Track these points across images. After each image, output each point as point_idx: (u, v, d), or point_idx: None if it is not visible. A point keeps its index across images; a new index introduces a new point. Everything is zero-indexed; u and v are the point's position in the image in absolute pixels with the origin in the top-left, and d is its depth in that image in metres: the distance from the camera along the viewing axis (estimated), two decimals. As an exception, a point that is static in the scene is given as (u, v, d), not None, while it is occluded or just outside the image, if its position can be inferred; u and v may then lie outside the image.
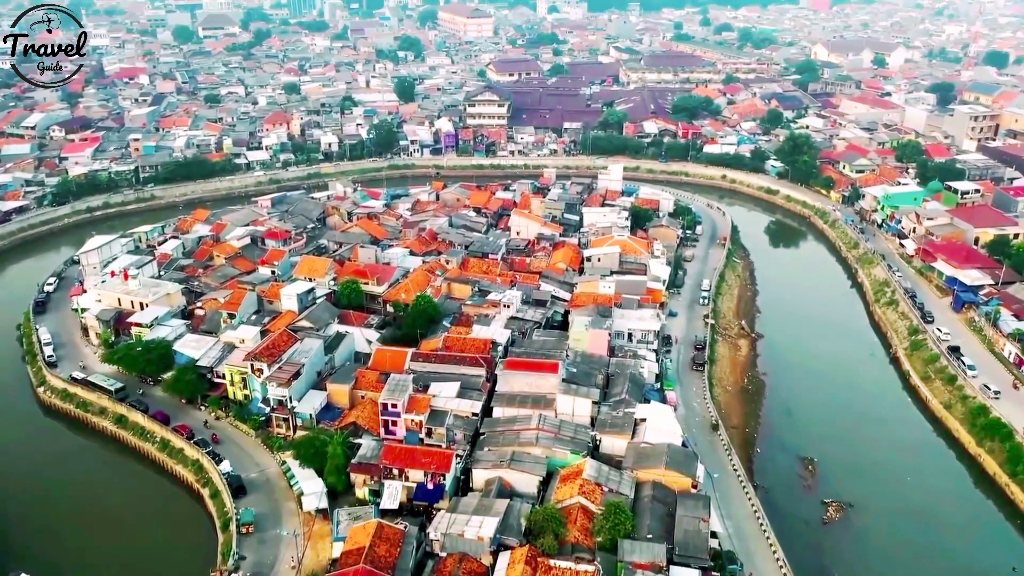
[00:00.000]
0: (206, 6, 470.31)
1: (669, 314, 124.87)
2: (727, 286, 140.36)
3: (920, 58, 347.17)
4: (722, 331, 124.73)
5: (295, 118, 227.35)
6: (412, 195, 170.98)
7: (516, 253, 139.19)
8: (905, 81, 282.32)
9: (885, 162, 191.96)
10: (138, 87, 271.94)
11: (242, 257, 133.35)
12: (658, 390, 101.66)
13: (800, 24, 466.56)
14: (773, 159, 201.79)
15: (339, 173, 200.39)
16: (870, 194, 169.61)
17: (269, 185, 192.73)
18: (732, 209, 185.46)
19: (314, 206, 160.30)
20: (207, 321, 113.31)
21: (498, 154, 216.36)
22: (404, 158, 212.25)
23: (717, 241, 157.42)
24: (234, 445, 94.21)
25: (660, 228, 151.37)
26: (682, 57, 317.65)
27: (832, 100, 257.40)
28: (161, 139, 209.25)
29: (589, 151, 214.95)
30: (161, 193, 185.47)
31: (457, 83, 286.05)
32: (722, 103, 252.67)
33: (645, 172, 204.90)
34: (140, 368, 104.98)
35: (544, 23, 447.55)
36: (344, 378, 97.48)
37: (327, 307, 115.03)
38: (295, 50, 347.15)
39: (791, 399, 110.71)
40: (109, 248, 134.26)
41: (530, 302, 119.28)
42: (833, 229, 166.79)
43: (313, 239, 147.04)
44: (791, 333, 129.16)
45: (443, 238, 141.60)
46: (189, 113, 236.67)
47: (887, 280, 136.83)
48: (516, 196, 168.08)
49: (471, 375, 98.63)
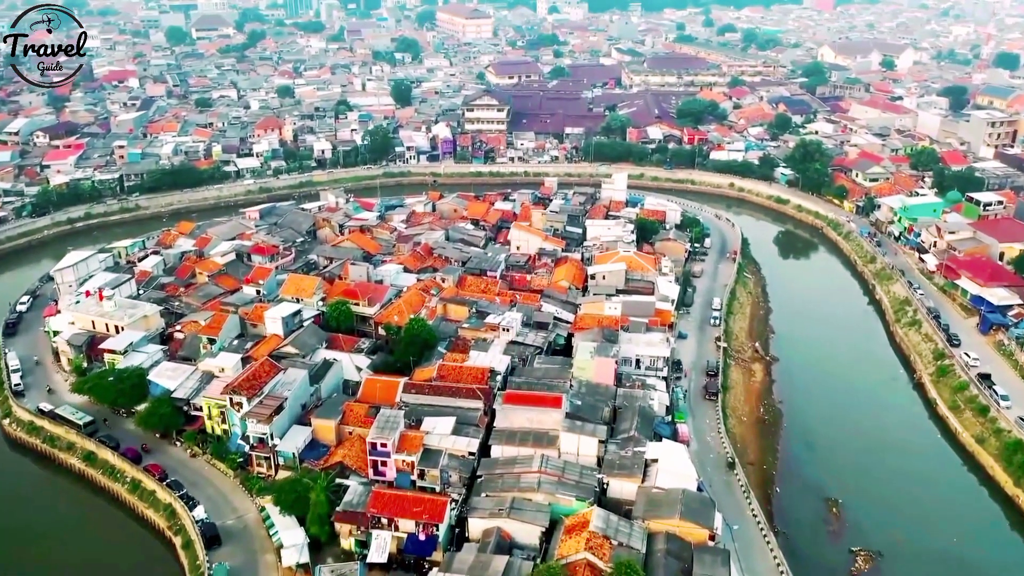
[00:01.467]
0: (201, 7, 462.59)
1: (679, 336, 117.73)
2: (739, 304, 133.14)
3: (928, 60, 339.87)
4: (735, 354, 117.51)
5: (288, 123, 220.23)
6: (407, 206, 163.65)
7: (516, 269, 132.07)
8: (915, 84, 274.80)
9: (900, 170, 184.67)
10: (127, 90, 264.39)
11: (226, 275, 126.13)
12: (669, 423, 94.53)
13: (804, 25, 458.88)
14: (783, 167, 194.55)
15: (332, 181, 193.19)
16: (886, 204, 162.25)
17: (259, 194, 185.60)
18: (741, 219, 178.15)
19: (304, 218, 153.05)
20: (186, 346, 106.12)
21: (497, 161, 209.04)
22: (400, 165, 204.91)
23: (727, 255, 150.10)
24: (210, 486, 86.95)
25: (667, 242, 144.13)
26: (686, 59, 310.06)
27: (841, 104, 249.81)
28: (148, 145, 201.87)
29: (592, 158, 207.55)
30: (146, 203, 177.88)
31: (455, 86, 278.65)
32: (728, 107, 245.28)
33: (650, 180, 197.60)
34: (112, 399, 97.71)
35: (544, 24, 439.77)
36: (330, 412, 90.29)
37: (314, 331, 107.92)
38: (290, 52, 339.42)
39: (810, 430, 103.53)
40: (86, 265, 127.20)
41: (531, 324, 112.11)
42: (847, 241, 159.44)
43: (303, 253, 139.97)
44: (807, 356, 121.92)
45: (439, 253, 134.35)
46: (178, 118, 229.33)
47: (907, 298, 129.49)
48: (516, 207, 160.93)
49: (468, 408, 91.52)
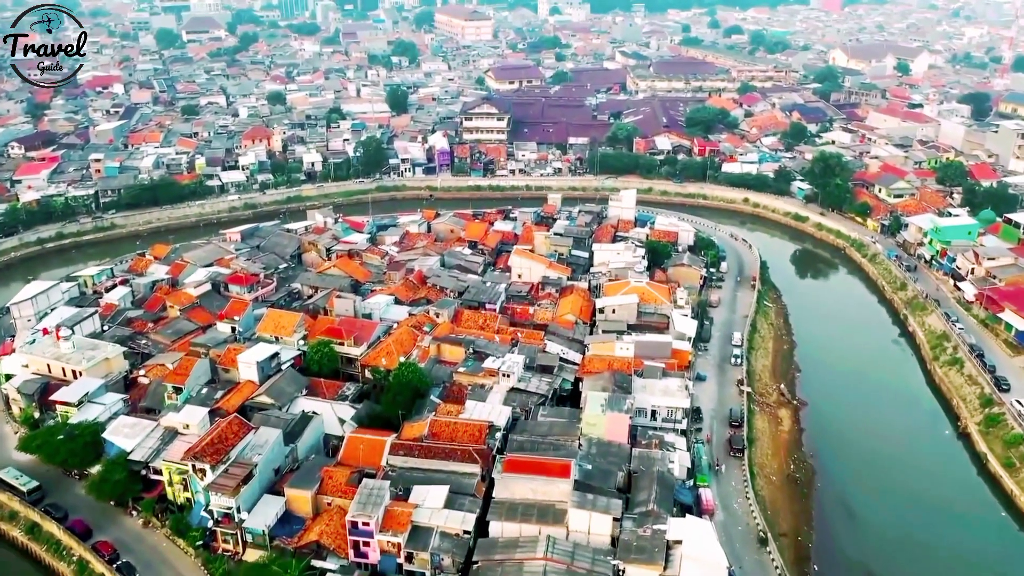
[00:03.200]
0: (193, 7, 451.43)
1: (697, 378, 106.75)
2: (760, 338, 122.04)
3: (943, 63, 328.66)
4: (759, 398, 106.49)
5: (277, 133, 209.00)
6: (400, 225, 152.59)
7: (517, 300, 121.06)
8: (934, 90, 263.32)
9: (925, 185, 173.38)
10: (111, 97, 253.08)
11: (200, 308, 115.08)
12: (691, 488, 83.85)
13: (812, 26, 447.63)
14: (800, 180, 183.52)
15: (321, 196, 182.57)
16: (914, 224, 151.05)
17: (244, 211, 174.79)
18: (756, 236, 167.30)
19: (289, 241, 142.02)
20: (149, 395, 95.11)
21: (497, 173, 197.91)
22: (394, 178, 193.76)
23: (746, 281, 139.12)
24: (168, 569, 75.90)
25: (681, 268, 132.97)
26: (693, 64, 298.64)
27: (857, 111, 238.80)
28: (128, 158, 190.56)
29: (597, 170, 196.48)
30: (122, 221, 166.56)
31: (454, 92, 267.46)
32: (739, 115, 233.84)
33: (659, 194, 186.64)
34: (62, 459, 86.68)
35: (546, 25, 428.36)
36: (307, 480, 79.25)
37: (293, 376, 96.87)
38: (283, 55, 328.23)
39: (847, 490, 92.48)
40: (47, 297, 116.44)
41: (534, 368, 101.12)
42: (873, 265, 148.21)
43: (286, 281, 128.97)
44: (837, 398, 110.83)
45: (433, 283, 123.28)
46: (162, 127, 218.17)
47: (945, 332, 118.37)
48: (517, 227, 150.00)
49: (463, 474, 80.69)
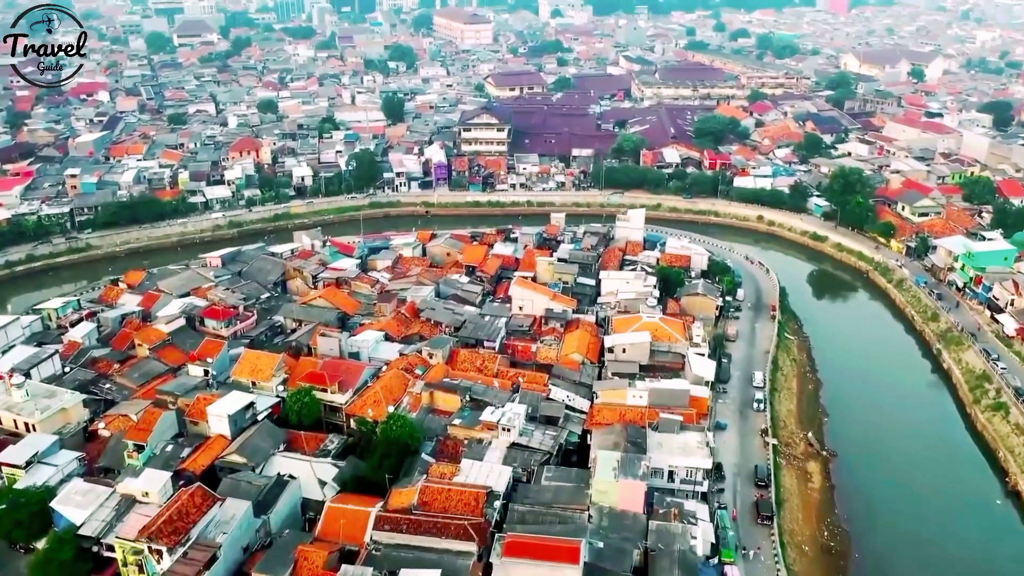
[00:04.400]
0: (187, 10, 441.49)
1: (716, 426, 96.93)
2: (783, 377, 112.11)
3: (958, 68, 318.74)
4: (785, 449, 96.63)
5: (266, 144, 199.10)
6: (393, 248, 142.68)
7: (518, 336, 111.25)
8: (951, 97, 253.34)
9: (951, 202, 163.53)
10: (96, 105, 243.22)
11: (171, 346, 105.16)
12: (716, 565, 74.01)
13: (820, 29, 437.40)
14: (816, 195, 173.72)
15: (311, 214, 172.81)
16: (943, 247, 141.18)
17: (228, 229, 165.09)
18: (770, 256, 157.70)
19: (273, 266, 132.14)
20: (108, 452, 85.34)
21: (497, 188, 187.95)
22: (388, 194, 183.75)
23: (764, 310, 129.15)
24: (117, 670, 66.22)
25: (695, 297, 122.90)
26: (701, 70, 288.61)
27: (873, 120, 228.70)
28: (107, 172, 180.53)
29: (602, 185, 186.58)
30: (99, 242, 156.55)
31: (452, 99, 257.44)
32: (750, 124, 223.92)
33: (668, 211, 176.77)
34: (5, 531, 76.85)
35: (547, 29, 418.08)
36: (278, 563, 69.26)
37: (269, 431, 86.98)
38: (276, 61, 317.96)
39: (888, 564, 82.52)
40: (4, 333, 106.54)
41: (537, 418, 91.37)
42: (900, 291, 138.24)
43: (268, 312, 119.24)
44: (870, 448, 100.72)
45: (427, 316, 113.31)
46: (147, 138, 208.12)
47: (986, 373, 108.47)
48: (518, 250, 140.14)
49: (457, 553, 70.87)
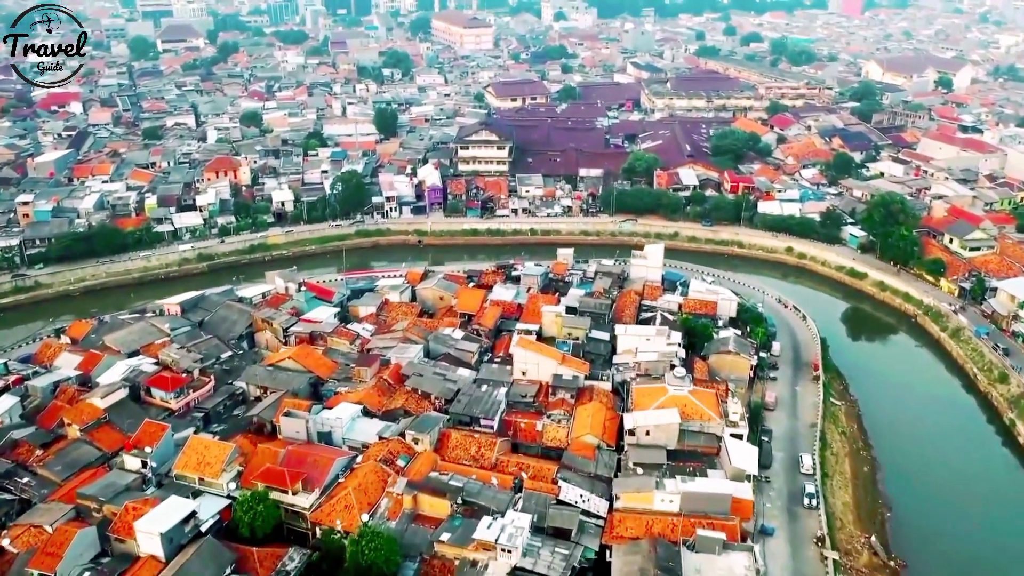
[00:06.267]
0: (176, 13, 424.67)
1: (761, 530, 80.00)
2: (834, 458, 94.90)
3: (985, 76, 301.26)
4: (845, 560, 79.39)
5: (245, 164, 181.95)
6: (378, 291, 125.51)
7: (521, 408, 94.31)
8: (984, 109, 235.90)
9: (1004, 234, 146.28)
10: (67, 117, 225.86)
11: (108, 425, 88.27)
12: None
13: (835, 33, 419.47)
14: (851, 224, 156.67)
15: (290, 244, 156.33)
16: (1005, 290, 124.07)
17: (197, 263, 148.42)
18: (800, 292, 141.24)
19: (239, 316, 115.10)
20: (10, 581, 68.52)
21: (497, 214, 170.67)
22: (377, 220, 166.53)
23: (804, 368, 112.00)
24: None
25: (726, 355, 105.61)
26: (715, 79, 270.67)
27: (904, 136, 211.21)
28: (66, 196, 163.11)
29: (613, 210, 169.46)
30: (49, 279, 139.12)
31: (449, 111, 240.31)
32: (771, 140, 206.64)
33: (686, 241, 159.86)
34: None
35: (551, 33, 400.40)
36: None
37: (212, 551, 69.90)
38: (264, 68, 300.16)
39: None
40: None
41: (545, 529, 74.33)
42: (957, 343, 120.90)
43: (230, 375, 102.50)
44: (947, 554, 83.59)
45: (414, 385, 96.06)
46: (116, 156, 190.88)
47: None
48: (520, 294, 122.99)
49: None
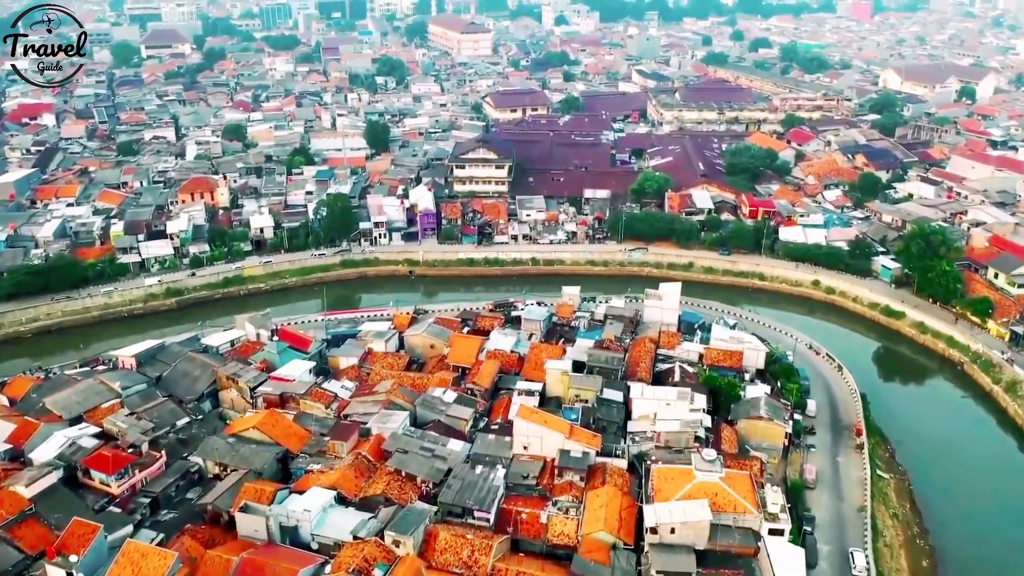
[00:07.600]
0: (164, 16, 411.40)
1: (811, 657, 66.30)
2: (888, 550, 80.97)
3: (1007, 85, 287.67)
4: None
5: (223, 184, 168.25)
6: (361, 338, 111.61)
7: (522, 492, 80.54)
8: (1014, 122, 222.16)
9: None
10: (37, 131, 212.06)
11: (34, 519, 74.32)
12: None
13: (845, 38, 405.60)
14: (882, 253, 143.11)
15: (268, 276, 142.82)
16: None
17: (165, 299, 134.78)
18: (829, 332, 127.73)
19: (201, 371, 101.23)
20: None
21: (495, 240, 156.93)
22: (364, 248, 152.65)
23: (844, 430, 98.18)
24: None
25: (756, 421, 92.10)
26: (725, 90, 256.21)
27: (931, 152, 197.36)
28: (25, 223, 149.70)
29: (621, 236, 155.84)
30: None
31: (445, 123, 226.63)
32: (789, 157, 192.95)
33: (702, 272, 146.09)
34: None
35: (552, 38, 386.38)
36: None
37: None
38: (251, 76, 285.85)
39: None
40: None
41: (552, 668, 60.62)
42: (1013, 398, 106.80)
43: (185, 446, 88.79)
44: None
45: (397, 465, 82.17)
46: (85, 175, 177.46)
47: None
48: (521, 342, 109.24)
49: None
